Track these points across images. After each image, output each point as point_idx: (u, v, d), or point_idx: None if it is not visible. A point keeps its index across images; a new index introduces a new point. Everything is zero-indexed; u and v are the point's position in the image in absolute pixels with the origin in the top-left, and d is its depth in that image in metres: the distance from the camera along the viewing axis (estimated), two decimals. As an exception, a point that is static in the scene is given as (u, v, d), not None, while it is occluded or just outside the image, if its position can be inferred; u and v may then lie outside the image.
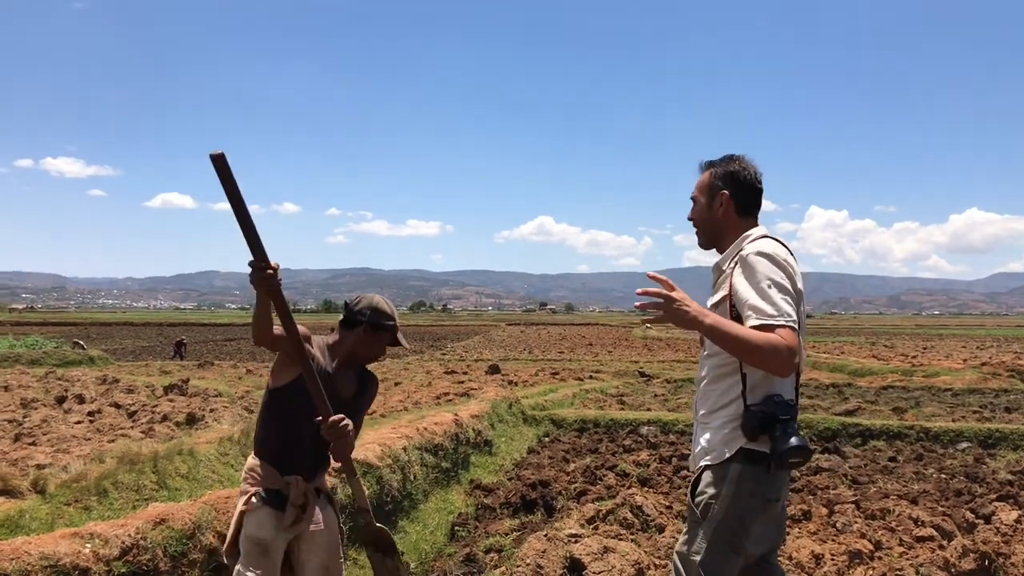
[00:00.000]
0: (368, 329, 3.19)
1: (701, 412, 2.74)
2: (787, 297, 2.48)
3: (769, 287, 2.48)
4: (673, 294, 2.49)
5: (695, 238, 2.91)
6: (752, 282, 2.51)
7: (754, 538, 2.60)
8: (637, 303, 2.58)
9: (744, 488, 2.55)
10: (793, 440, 2.45)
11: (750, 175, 2.77)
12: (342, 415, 3.04)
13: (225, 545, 3.23)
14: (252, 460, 3.24)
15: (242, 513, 3.13)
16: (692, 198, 2.87)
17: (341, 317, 3.27)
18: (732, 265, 2.65)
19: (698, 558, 2.56)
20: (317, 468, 3.32)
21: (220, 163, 2.50)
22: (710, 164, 2.85)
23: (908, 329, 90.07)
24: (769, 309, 2.44)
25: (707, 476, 2.63)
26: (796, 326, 2.45)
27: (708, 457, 2.63)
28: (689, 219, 2.89)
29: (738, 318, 2.54)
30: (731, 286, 2.58)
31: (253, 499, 3.12)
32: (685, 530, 2.70)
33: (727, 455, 2.58)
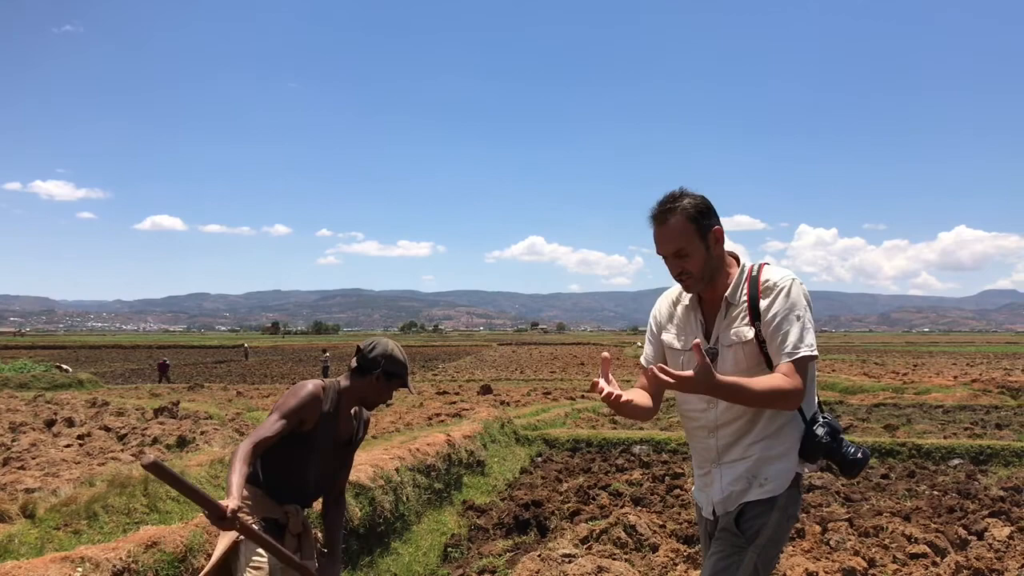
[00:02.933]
0: (381, 377, 3.18)
1: (741, 448, 2.61)
2: (812, 326, 2.55)
3: (799, 317, 2.51)
4: (695, 372, 2.29)
5: None
6: (789, 313, 2.52)
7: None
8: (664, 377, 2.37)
9: (789, 512, 2.60)
10: (852, 449, 2.59)
11: (707, 200, 2.62)
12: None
13: (204, 573, 3.09)
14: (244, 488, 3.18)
15: (236, 542, 3.04)
16: (678, 252, 2.57)
17: (354, 362, 3.22)
18: (747, 297, 2.59)
19: None
20: (312, 501, 3.33)
21: (157, 470, 2.47)
22: (669, 210, 2.57)
23: (898, 346, 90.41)
24: (799, 340, 2.49)
25: (753, 505, 2.59)
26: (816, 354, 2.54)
27: (762, 490, 2.57)
28: (685, 273, 2.60)
29: (766, 353, 2.53)
30: (763, 316, 2.54)
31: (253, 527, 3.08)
32: (721, 554, 2.60)
33: (786, 487, 2.58)
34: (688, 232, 2.55)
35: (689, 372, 2.28)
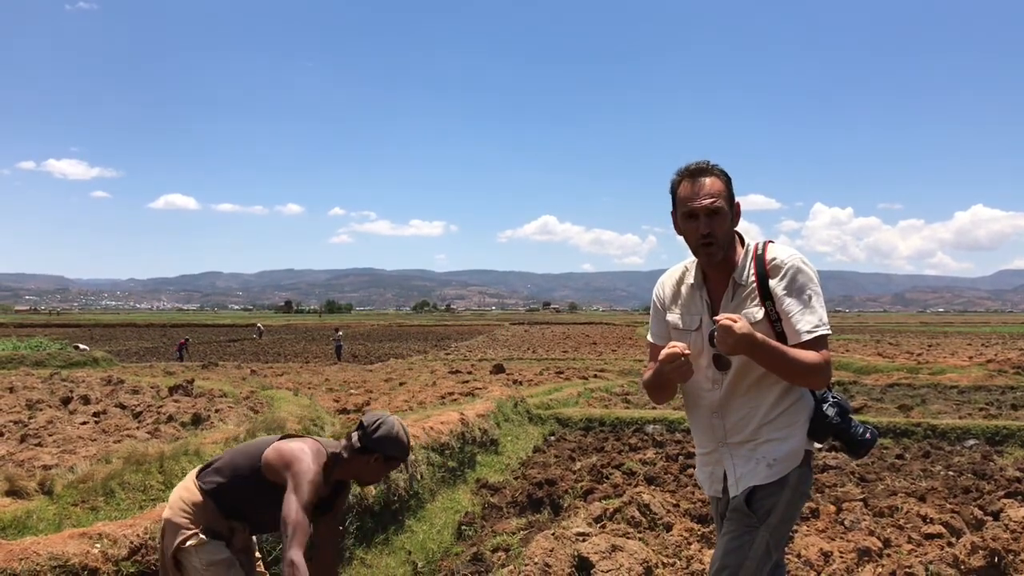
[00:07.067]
0: (380, 459, 3.08)
1: (749, 429, 2.59)
2: (823, 303, 2.54)
3: (812, 296, 2.50)
4: (738, 325, 2.33)
5: None
6: (802, 292, 2.50)
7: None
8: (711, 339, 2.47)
9: (800, 491, 2.59)
10: (860, 429, 2.60)
11: None
12: None
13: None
14: (195, 493, 3.06)
15: (181, 548, 2.97)
16: (714, 208, 2.50)
17: (356, 439, 3.08)
18: (755, 276, 2.55)
19: (754, 564, 2.53)
20: (265, 532, 3.35)
21: None
22: (705, 169, 2.54)
23: (913, 327, 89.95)
24: (818, 320, 2.47)
25: (764, 486, 2.58)
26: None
27: (771, 471, 2.56)
28: (711, 236, 2.52)
29: (781, 334, 2.50)
30: (774, 296, 2.52)
31: (201, 535, 2.99)
32: (733, 534, 2.59)
33: (796, 465, 2.57)
34: (723, 192, 2.52)
35: (740, 325, 2.32)
